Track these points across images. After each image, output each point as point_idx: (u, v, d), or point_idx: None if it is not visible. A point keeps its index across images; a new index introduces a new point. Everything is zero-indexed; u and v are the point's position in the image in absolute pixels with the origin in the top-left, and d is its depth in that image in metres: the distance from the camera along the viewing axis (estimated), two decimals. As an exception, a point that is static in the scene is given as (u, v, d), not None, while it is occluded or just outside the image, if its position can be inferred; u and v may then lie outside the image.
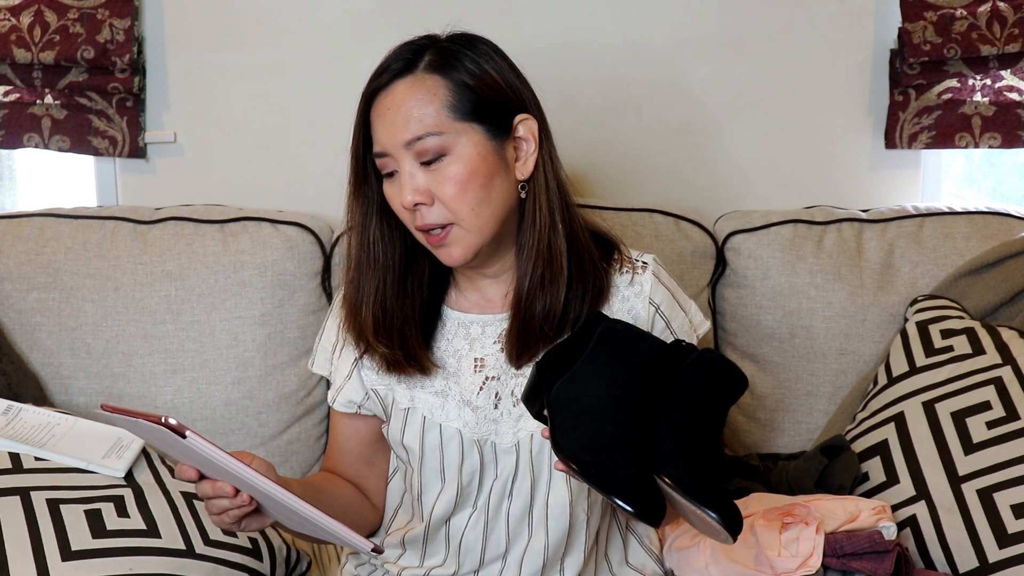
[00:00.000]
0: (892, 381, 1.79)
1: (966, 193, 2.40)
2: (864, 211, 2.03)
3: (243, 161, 2.10)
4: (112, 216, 1.91)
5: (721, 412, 1.25)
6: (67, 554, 1.37)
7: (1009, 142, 2.11)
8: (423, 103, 1.25)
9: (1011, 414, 1.65)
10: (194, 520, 1.49)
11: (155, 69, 2.05)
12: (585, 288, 1.34)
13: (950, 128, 2.11)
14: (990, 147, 2.11)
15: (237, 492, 1.16)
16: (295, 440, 1.88)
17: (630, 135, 2.15)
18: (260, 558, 1.52)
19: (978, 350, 1.74)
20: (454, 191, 1.26)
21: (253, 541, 1.53)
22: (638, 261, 1.40)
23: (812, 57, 2.14)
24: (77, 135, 2.01)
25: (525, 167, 1.31)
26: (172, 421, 1.07)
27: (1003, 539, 1.56)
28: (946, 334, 1.79)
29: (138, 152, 2.04)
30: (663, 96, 2.14)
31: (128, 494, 1.48)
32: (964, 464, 1.63)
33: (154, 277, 1.84)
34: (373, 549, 1.20)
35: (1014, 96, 2.10)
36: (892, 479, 1.68)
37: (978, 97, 2.10)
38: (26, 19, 1.93)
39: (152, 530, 1.45)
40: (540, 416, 1.25)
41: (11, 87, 1.99)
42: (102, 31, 1.94)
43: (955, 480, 1.63)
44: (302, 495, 1.17)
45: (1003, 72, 2.09)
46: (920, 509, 1.64)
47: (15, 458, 1.48)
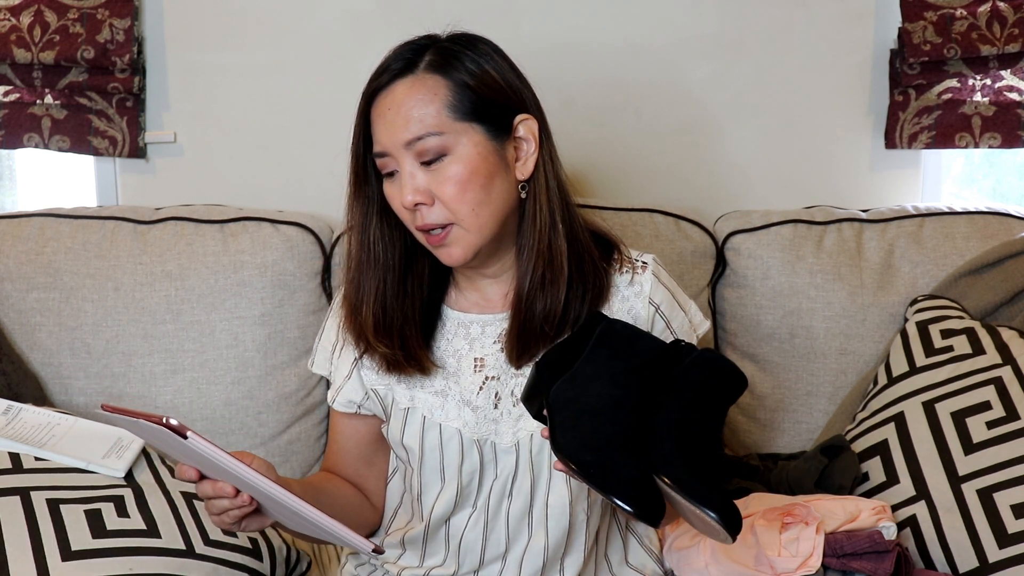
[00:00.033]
0: (892, 381, 1.79)
1: (966, 193, 2.40)
2: (864, 211, 2.03)
3: (243, 161, 2.10)
4: (112, 216, 1.91)
5: (721, 412, 1.25)
6: (67, 554, 1.37)
7: (1009, 142, 2.11)
8: (423, 103, 1.25)
9: (1011, 414, 1.65)
10: (194, 520, 1.49)
11: (155, 69, 2.05)
12: (585, 288, 1.34)
13: (950, 128, 2.11)
14: (990, 147, 2.11)
15: (237, 492, 1.16)
16: (295, 440, 1.88)
17: (630, 135, 2.15)
18: (260, 558, 1.52)
19: (978, 350, 1.74)
20: (454, 191, 1.25)
21: (253, 541, 1.53)
22: (638, 261, 1.40)
23: (812, 57, 2.14)
24: (77, 135, 2.01)
25: (525, 167, 1.31)
26: (173, 422, 1.07)
27: (1003, 539, 1.56)
28: (946, 334, 1.79)
29: (138, 152, 2.04)
30: (663, 96, 2.14)
31: (128, 494, 1.48)
32: (964, 464, 1.63)
33: (154, 277, 1.84)
34: (374, 550, 1.19)
35: (1014, 96, 2.10)
36: (892, 479, 1.68)
37: (978, 97, 2.10)
38: (26, 19, 1.93)
39: (152, 530, 1.45)
40: (539, 416, 1.25)
41: (11, 87, 1.99)
42: (102, 31, 1.94)
43: (955, 480, 1.63)
44: (302, 495, 1.17)
45: (1003, 72, 2.09)
46: (920, 509, 1.64)
47: (15, 458, 1.48)
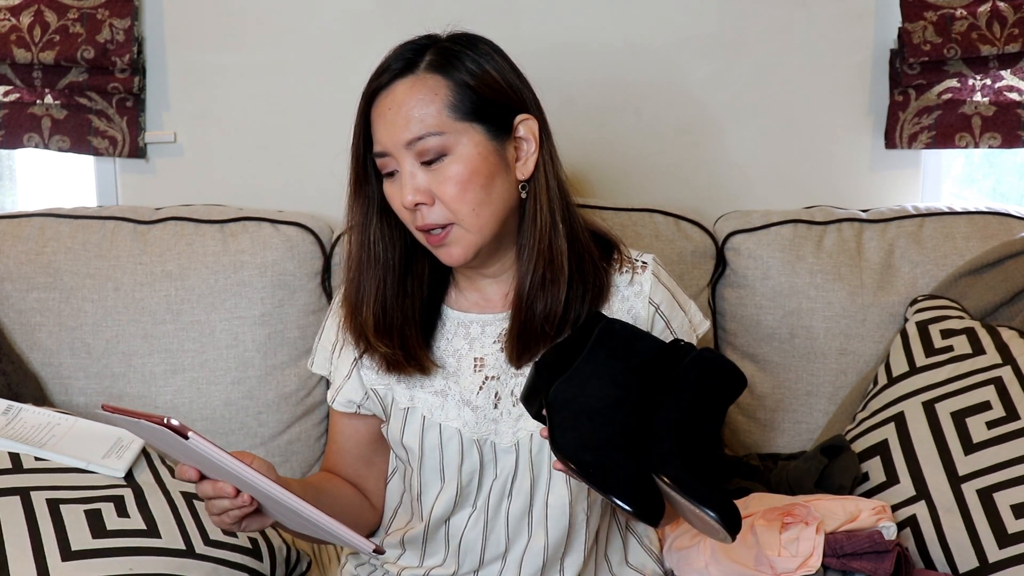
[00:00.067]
0: (892, 381, 1.79)
1: (966, 193, 2.40)
2: (864, 211, 2.03)
3: (243, 161, 2.10)
4: (112, 216, 1.91)
5: (720, 411, 1.25)
6: (67, 554, 1.37)
7: (1009, 142, 2.11)
8: (424, 103, 1.25)
9: (1011, 414, 1.65)
10: (194, 520, 1.49)
11: (155, 69, 2.05)
12: (585, 288, 1.34)
13: (950, 128, 2.11)
14: (990, 147, 2.11)
15: (238, 492, 1.16)
16: (295, 440, 1.88)
17: (630, 135, 2.15)
18: (260, 558, 1.52)
19: (978, 350, 1.74)
20: (455, 191, 1.25)
21: (253, 541, 1.53)
22: (638, 261, 1.40)
23: (812, 57, 2.14)
24: (77, 135, 2.01)
25: (526, 167, 1.31)
26: (174, 422, 1.07)
27: (1003, 539, 1.56)
28: (946, 334, 1.79)
29: (138, 152, 2.03)
30: (663, 96, 2.13)
31: (128, 494, 1.48)
32: (964, 464, 1.63)
33: (154, 277, 1.84)
34: (374, 550, 1.19)
35: (1014, 96, 2.10)
36: (892, 479, 1.68)
37: (978, 97, 2.10)
38: (26, 19, 1.93)
39: (152, 530, 1.45)
40: (539, 416, 1.25)
41: (11, 87, 1.99)
42: (102, 31, 1.94)
43: (955, 480, 1.63)
44: (302, 495, 1.17)
45: (1003, 72, 2.09)
46: (920, 509, 1.64)
47: (15, 458, 1.48)
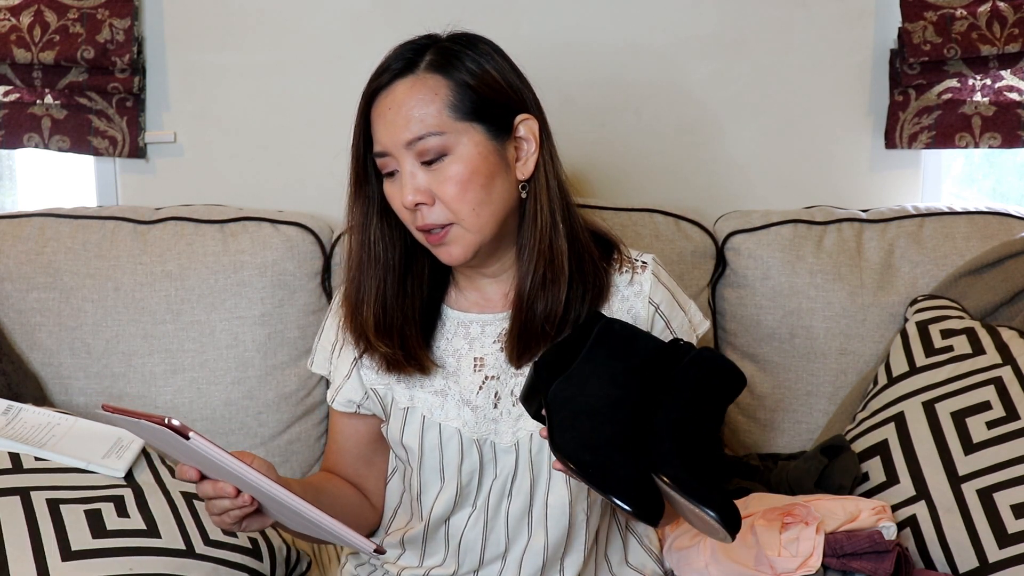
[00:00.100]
0: (892, 381, 1.78)
1: (966, 193, 2.40)
2: (864, 211, 2.03)
3: (243, 161, 2.10)
4: (112, 216, 1.91)
5: (720, 411, 1.25)
6: (67, 554, 1.37)
7: (1009, 142, 2.11)
8: (424, 103, 1.25)
9: (1011, 414, 1.65)
10: (194, 520, 1.49)
11: (155, 69, 2.05)
12: (585, 288, 1.34)
13: (950, 128, 2.11)
14: (990, 147, 2.11)
15: (238, 492, 1.16)
16: (295, 440, 1.88)
17: (630, 135, 2.15)
18: (260, 558, 1.52)
19: (978, 350, 1.74)
20: (455, 191, 1.25)
21: (253, 541, 1.53)
22: (638, 261, 1.40)
23: (812, 57, 2.14)
24: (77, 135, 2.01)
25: (526, 167, 1.31)
26: (175, 422, 1.07)
27: (1003, 539, 1.56)
28: (946, 334, 1.79)
29: (138, 152, 2.03)
30: (663, 96, 2.14)
31: (128, 494, 1.48)
32: (964, 464, 1.63)
33: (154, 277, 1.84)
34: (375, 550, 1.19)
35: (1014, 96, 2.10)
36: (892, 479, 1.68)
37: (978, 97, 2.10)
38: (26, 19, 1.93)
39: (152, 530, 1.45)
40: (538, 416, 1.25)
41: (11, 87, 1.99)
42: (102, 31, 1.94)
43: (955, 480, 1.63)
44: (302, 495, 1.17)
45: (1003, 72, 2.09)
46: (920, 509, 1.64)
47: (15, 458, 1.48)
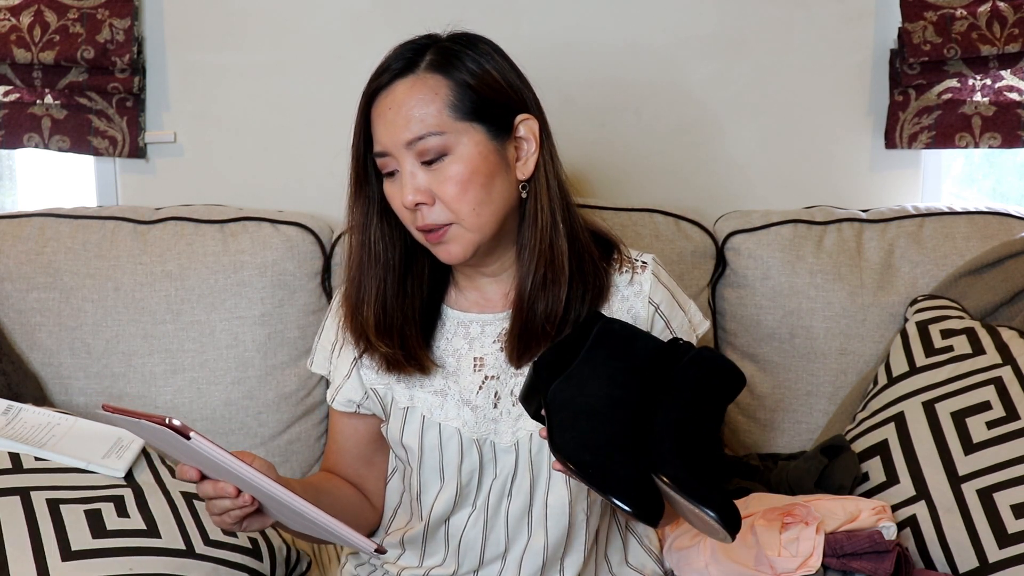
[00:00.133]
0: (892, 381, 1.79)
1: (966, 193, 2.40)
2: (864, 211, 2.03)
3: (243, 161, 2.10)
4: (112, 216, 1.91)
5: (720, 411, 1.25)
6: (67, 554, 1.37)
7: (1009, 142, 2.11)
8: (424, 103, 1.25)
9: (1011, 414, 1.65)
10: (194, 520, 1.49)
11: (155, 69, 2.05)
12: (585, 288, 1.34)
13: (950, 128, 2.11)
14: (990, 147, 2.11)
15: (239, 492, 1.16)
16: (295, 440, 1.88)
17: (630, 135, 2.15)
18: (260, 558, 1.52)
19: (978, 350, 1.74)
20: (455, 191, 1.25)
21: (253, 541, 1.53)
22: (638, 261, 1.40)
23: (812, 57, 2.14)
24: (77, 135, 2.01)
25: (526, 167, 1.31)
26: (176, 422, 1.07)
27: (1003, 539, 1.56)
28: (946, 334, 1.79)
29: (138, 152, 2.03)
30: (663, 96, 2.14)
31: (128, 494, 1.48)
32: (964, 464, 1.63)
33: (154, 277, 1.84)
34: (376, 549, 1.19)
35: (1014, 96, 2.10)
36: (892, 479, 1.68)
37: (978, 97, 2.10)
38: (26, 19, 1.93)
39: (152, 530, 1.45)
40: (537, 416, 1.25)
41: (11, 87, 1.99)
42: (102, 31, 1.94)
43: (955, 480, 1.63)
44: (302, 495, 1.17)
45: (1003, 72, 2.09)
46: (920, 509, 1.64)
47: (15, 458, 1.48)
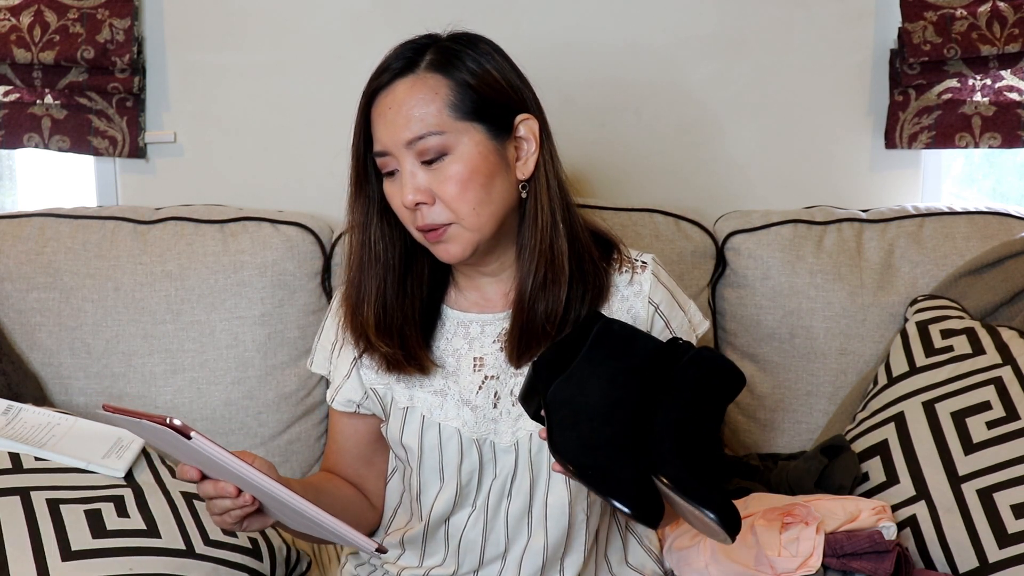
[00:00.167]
0: (892, 381, 1.79)
1: (966, 193, 2.40)
2: (864, 211, 2.03)
3: (243, 161, 2.10)
4: (112, 216, 1.91)
5: (720, 411, 1.25)
6: (67, 554, 1.37)
7: (1009, 142, 2.11)
8: (424, 102, 1.25)
9: (1011, 414, 1.65)
10: (194, 520, 1.49)
11: (155, 69, 2.05)
12: (585, 288, 1.34)
13: (950, 128, 2.11)
14: (990, 147, 2.11)
15: (239, 492, 1.16)
16: (295, 440, 1.88)
17: (630, 135, 2.15)
18: (260, 558, 1.52)
19: (978, 350, 1.74)
20: (455, 190, 1.25)
21: (253, 541, 1.53)
22: (637, 261, 1.40)
23: (812, 57, 2.14)
24: (77, 135, 2.01)
25: (526, 167, 1.31)
26: (177, 422, 1.07)
27: (1003, 539, 1.56)
28: (946, 334, 1.79)
29: (138, 152, 2.03)
30: (663, 96, 2.14)
31: (128, 494, 1.48)
32: (964, 464, 1.63)
33: (154, 277, 1.84)
34: (377, 549, 1.19)
35: (1014, 96, 2.10)
36: (892, 479, 1.68)
37: (978, 97, 2.10)
38: (26, 19, 1.93)
39: (152, 530, 1.45)
40: (537, 416, 1.25)
41: (11, 87, 1.99)
42: (102, 31, 1.94)
43: (955, 480, 1.63)
44: (303, 495, 1.17)
45: (1003, 72, 2.09)
46: (920, 509, 1.64)
47: (15, 458, 1.48)
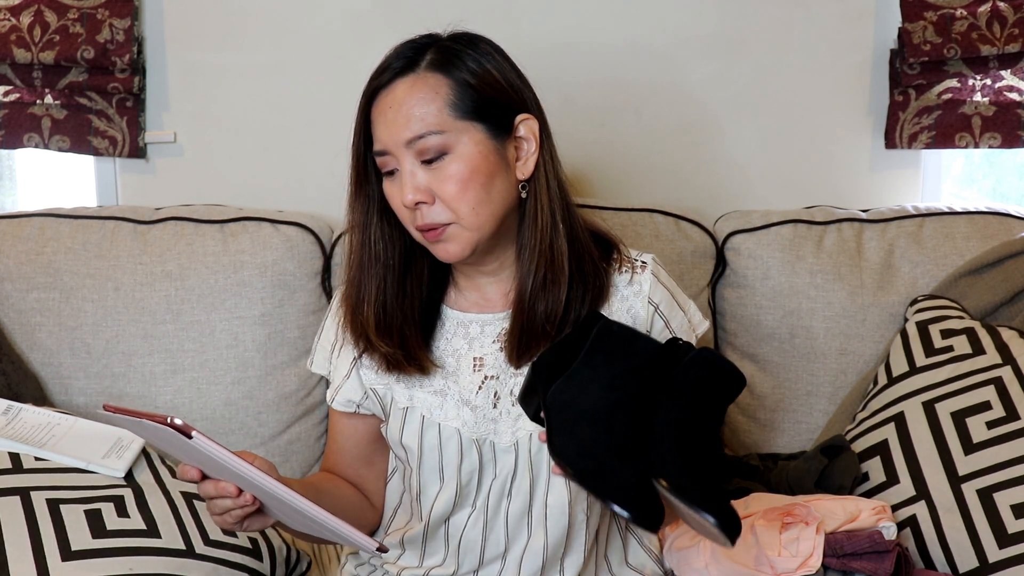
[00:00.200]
0: (892, 381, 1.79)
1: (966, 193, 2.40)
2: (864, 211, 2.03)
3: (243, 161, 2.10)
4: (112, 216, 1.91)
5: (720, 411, 1.24)
6: (67, 554, 1.37)
7: (1009, 142, 2.11)
8: (425, 101, 1.25)
9: (1011, 414, 1.65)
10: (194, 520, 1.49)
11: (155, 69, 2.05)
12: (585, 288, 1.33)
13: (950, 128, 2.11)
14: (990, 147, 2.11)
15: (240, 492, 1.16)
16: (295, 440, 1.88)
17: (630, 135, 2.15)
18: (260, 558, 1.52)
19: (978, 350, 1.74)
20: (455, 190, 1.25)
21: (253, 541, 1.53)
22: (637, 261, 1.40)
23: (812, 57, 2.14)
24: (77, 135, 2.01)
25: (526, 167, 1.31)
26: (178, 421, 1.07)
27: (1003, 539, 1.56)
28: (946, 334, 1.79)
29: (138, 152, 2.04)
30: (663, 96, 2.14)
31: (128, 494, 1.48)
32: (964, 464, 1.63)
33: (154, 277, 1.84)
34: (378, 548, 1.19)
35: (1014, 96, 2.10)
36: (892, 479, 1.68)
37: (978, 97, 2.10)
38: (26, 19, 1.93)
39: (152, 530, 1.45)
40: (536, 417, 1.25)
41: (11, 87, 1.99)
42: (102, 31, 1.94)
43: (955, 480, 1.63)
44: (303, 495, 1.17)
45: (1003, 72, 2.09)
46: (920, 509, 1.64)
47: (15, 458, 1.48)
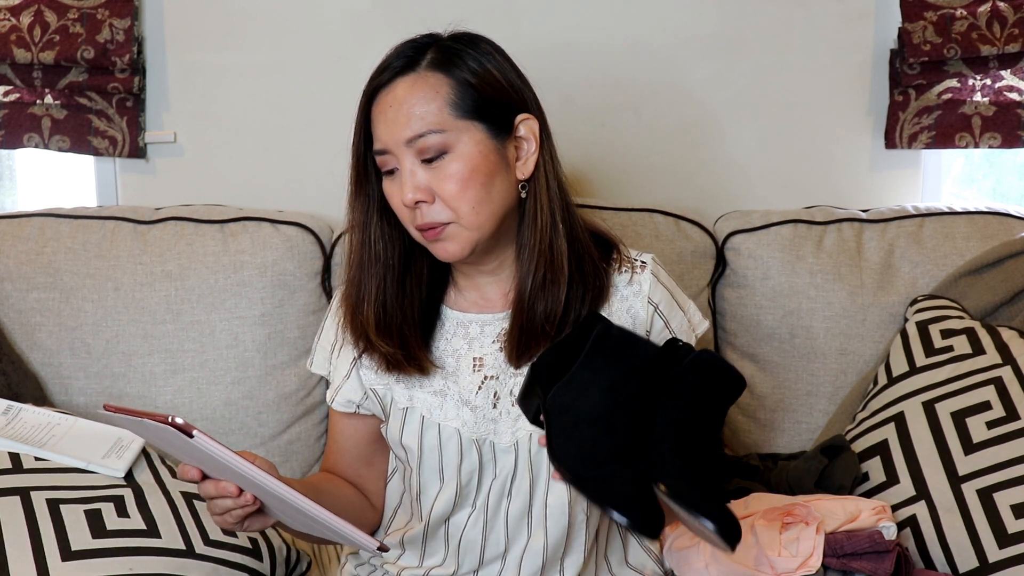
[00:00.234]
0: (892, 381, 1.79)
1: (966, 193, 2.40)
2: (864, 211, 2.03)
3: (243, 161, 2.10)
4: (112, 216, 1.91)
5: (720, 413, 1.24)
6: (67, 554, 1.37)
7: (1009, 142, 2.11)
8: (425, 100, 1.25)
9: (1011, 414, 1.65)
10: (194, 520, 1.49)
11: (155, 69, 2.05)
12: (585, 288, 1.33)
13: (950, 128, 2.11)
14: (990, 147, 2.11)
15: (241, 491, 1.16)
16: (295, 440, 1.88)
17: (630, 135, 2.15)
18: (260, 558, 1.52)
19: (978, 350, 1.74)
20: (455, 189, 1.25)
21: (253, 541, 1.53)
22: (637, 261, 1.40)
23: (812, 57, 2.14)
24: (77, 135, 2.01)
25: (526, 167, 1.31)
26: (179, 421, 1.07)
27: (1003, 539, 1.56)
28: (946, 334, 1.79)
29: (138, 152, 2.04)
30: (663, 96, 2.14)
31: (128, 494, 1.48)
32: (964, 464, 1.63)
33: (154, 277, 1.84)
34: (379, 547, 1.19)
35: (1014, 96, 2.10)
36: (892, 479, 1.68)
37: (978, 97, 2.10)
38: (26, 19, 1.93)
39: (152, 530, 1.45)
40: (536, 420, 1.24)
41: (11, 87, 1.99)
42: (102, 31, 1.94)
43: (955, 480, 1.63)
44: (304, 494, 1.17)
45: (1003, 72, 2.09)
46: (920, 509, 1.64)
47: (15, 458, 1.48)
